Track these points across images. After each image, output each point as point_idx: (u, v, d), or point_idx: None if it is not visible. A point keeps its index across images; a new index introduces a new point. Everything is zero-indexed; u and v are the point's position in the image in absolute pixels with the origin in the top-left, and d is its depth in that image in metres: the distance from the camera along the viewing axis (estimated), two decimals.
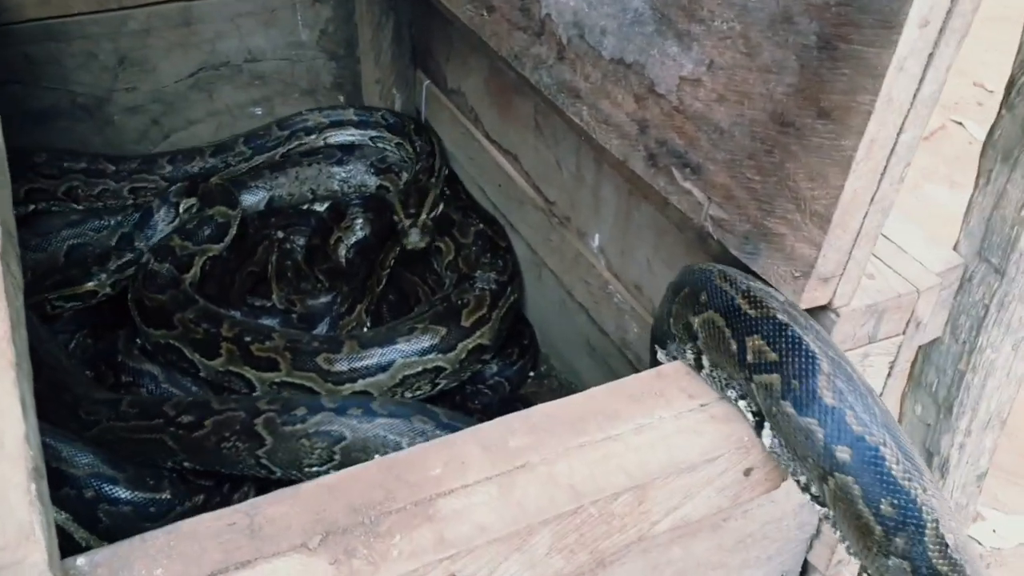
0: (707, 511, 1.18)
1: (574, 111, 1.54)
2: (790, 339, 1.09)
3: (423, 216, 2.35)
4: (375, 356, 2.03)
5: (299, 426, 1.71)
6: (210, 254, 2.38)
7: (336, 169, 2.77)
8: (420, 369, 2.07)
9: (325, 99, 2.87)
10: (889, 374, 1.35)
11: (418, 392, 2.10)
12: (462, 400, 2.32)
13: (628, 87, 1.39)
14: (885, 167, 1.08)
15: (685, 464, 1.10)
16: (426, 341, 2.07)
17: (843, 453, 1.02)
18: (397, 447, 1.68)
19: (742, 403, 1.17)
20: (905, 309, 1.28)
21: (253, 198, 2.70)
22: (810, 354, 1.07)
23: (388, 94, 2.87)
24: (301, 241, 2.64)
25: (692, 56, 1.25)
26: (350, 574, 0.94)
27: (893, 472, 0.99)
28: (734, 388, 1.17)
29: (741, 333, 1.14)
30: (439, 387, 2.14)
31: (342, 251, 2.62)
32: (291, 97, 2.82)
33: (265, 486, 1.85)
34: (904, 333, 1.31)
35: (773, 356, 1.09)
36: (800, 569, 1.64)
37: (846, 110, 1.04)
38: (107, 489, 1.76)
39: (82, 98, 2.53)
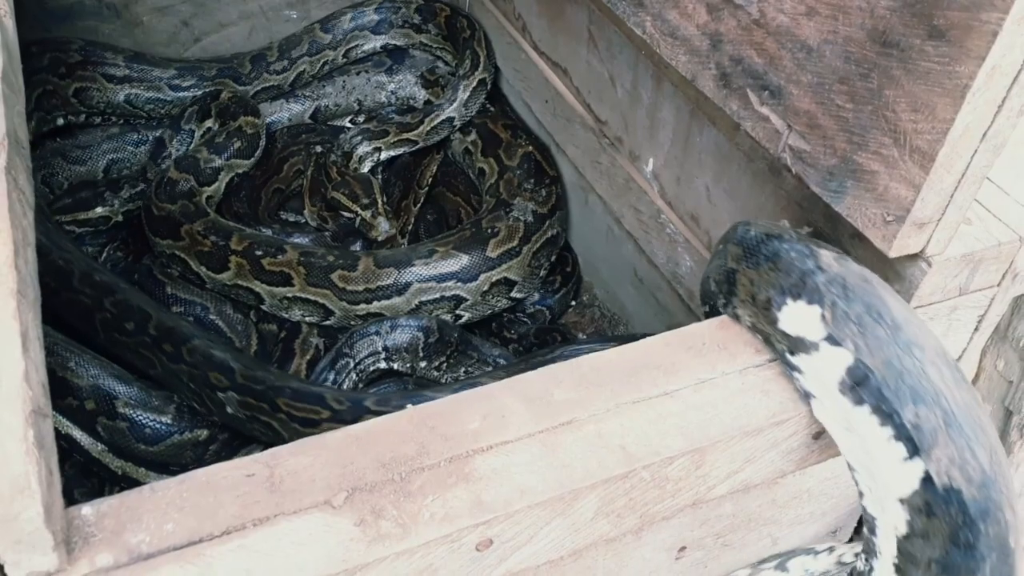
0: (769, 475, 1.07)
1: (635, 21, 1.38)
2: None
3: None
4: (390, 277, 1.93)
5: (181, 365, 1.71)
6: (238, 170, 2.27)
7: (384, 79, 2.60)
8: (438, 296, 1.97)
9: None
10: (976, 329, 1.22)
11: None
12: (499, 328, 2.22)
13: None
14: (1004, 98, 0.92)
15: (750, 427, 0.99)
16: (444, 266, 1.95)
17: None
18: None
19: None
20: (1004, 259, 1.14)
21: (299, 107, 2.58)
22: None
23: None
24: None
25: None
26: (377, 537, 0.86)
27: None
28: None
29: None
30: (462, 319, 2.04)
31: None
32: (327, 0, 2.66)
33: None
34: (999, 285, 1.17)
35: None
36: (855, 525, 1.55)
37: (965, 30, 0.89)
38: (106, 403, 1.72)
39: None
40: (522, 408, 0.98)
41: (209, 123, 2.38)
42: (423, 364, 1.97)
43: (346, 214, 2.18)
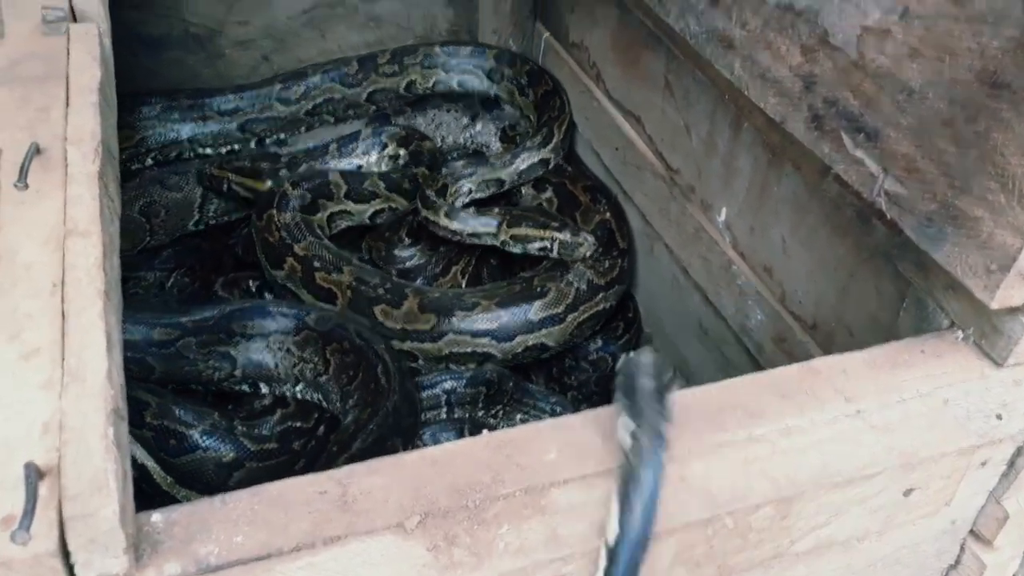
0: (853, 532, 1.02)
1: (724, 63, 1.37)
2: None
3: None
4: (428, 323, 1.91)
5: None
6: (393, 205, 2.31)
7: (468, 122, 2.65)
8: (469, 350, 1.94)
9: None
10: None
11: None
12: (559, 374, 2.19)
13: (795, 37, 1.21)
14: None
15: (839, 477, 0.94)
16: (483, 323, 1.92)
17: None
18: None
19: None
20: None
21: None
22: None
23: (504, 45, 2.73)
24: None
25: (881, 2, 1.07)
26: (449, 564, 0.83)
27: None
28: None
29: None
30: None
31: None
32: (404, 41, 2.70)
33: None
34: None
35: None
36: None
37: None
38: (135, 414, 1.68)
39: (195, 28, 2.46)
40: (601, 442, 0.95)
41: (401, 150, 2.45)
42: (480, 413, 1.95)
43: (537, 244, 2.09)
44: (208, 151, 2.50)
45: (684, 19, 1.45)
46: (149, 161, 2.46)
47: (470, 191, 2.28)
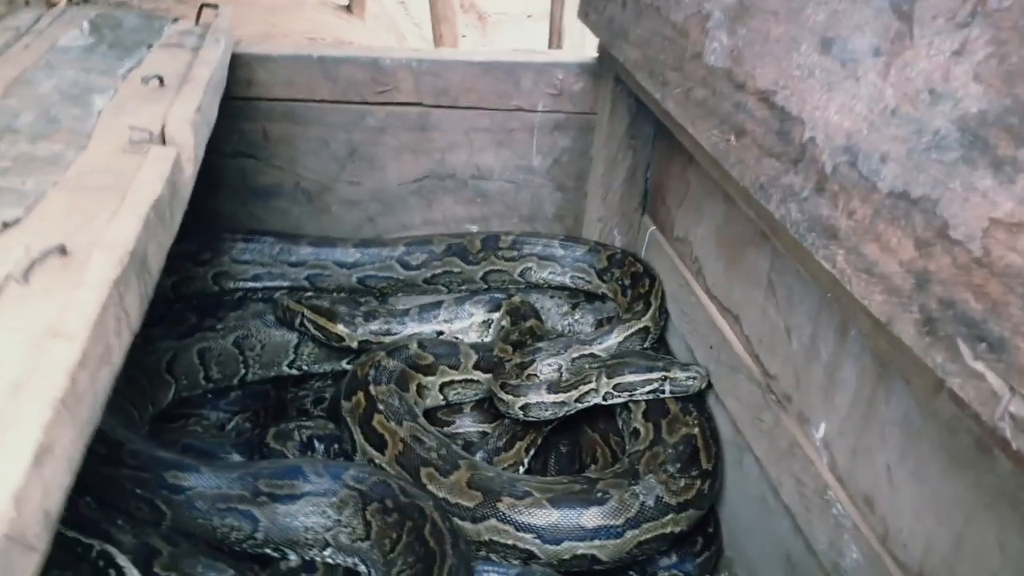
0: None
1: (825, 255, 1.21)
2: None
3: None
4: (473, 501, 1.75)
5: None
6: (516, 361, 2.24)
7: (568, 310, 2.62)
8: (511, 543, 1.74)
9: (543, 228, 2.72)
10: None
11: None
12: None
13: (908, 228, 1.05)
14: None
15: None
16: (531, 517, 1.73)
17: None
18: None
19: None
20: None
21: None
22: None
23: (608, 234, 2.67)
24: None
25: (1015, 192, 0.91)
26: None
27: None
28: None
29: None
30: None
31: None
32: (509, 220, 2.70)
33: None
34: None
35: None
36: None
37: None
38: (145, 558, 1.57)
39: (306, 183, 2.53)
40: None
41: (496, 315, 2.43)
42: None
43: (645, 389, 2.04)
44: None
45: (785, 206, 1.32)
46: (258, 297, 2.48)
47: (542, 371, 2.16)
